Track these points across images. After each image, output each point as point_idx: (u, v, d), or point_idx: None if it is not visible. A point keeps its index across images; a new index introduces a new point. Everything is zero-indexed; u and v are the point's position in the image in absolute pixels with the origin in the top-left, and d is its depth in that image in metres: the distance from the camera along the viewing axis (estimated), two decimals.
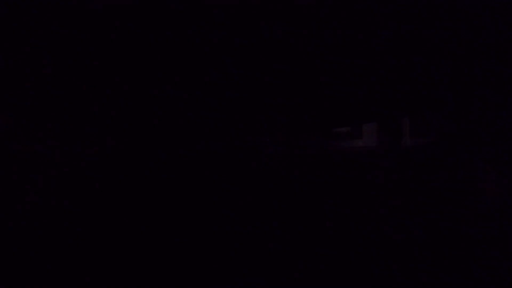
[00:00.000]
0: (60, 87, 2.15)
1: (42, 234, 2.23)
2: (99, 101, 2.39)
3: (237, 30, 1.51)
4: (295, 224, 2.86)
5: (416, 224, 2.55)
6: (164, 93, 2.41)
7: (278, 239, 2.53)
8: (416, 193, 2.80)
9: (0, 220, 2.19)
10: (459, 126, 2.50)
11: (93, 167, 2.93)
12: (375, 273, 1.92)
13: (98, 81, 2.06)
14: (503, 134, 2.24)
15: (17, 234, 2.15)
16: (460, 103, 2.47)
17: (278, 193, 3.40)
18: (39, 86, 2.12)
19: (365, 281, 1.83)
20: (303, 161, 3.75)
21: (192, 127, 3.01)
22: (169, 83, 2.25)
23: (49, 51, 1.63)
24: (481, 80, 2.16)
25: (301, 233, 2.63)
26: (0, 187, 2.32)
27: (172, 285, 1.83)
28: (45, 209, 2.65)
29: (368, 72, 2.16)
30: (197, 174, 3.25)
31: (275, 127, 3.46)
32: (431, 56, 1.84)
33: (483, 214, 2.28)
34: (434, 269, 1.92)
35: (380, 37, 1.60)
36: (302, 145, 3.85)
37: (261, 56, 1.80)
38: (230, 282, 1.87)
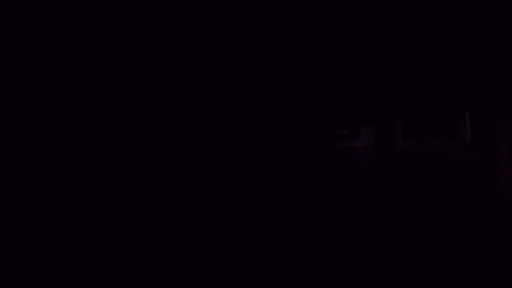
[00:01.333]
0: (60, 86, 2.14)
1: (42, 234, 2.21)
2: (99, 100, 2.38)
3: (237, 29, 1.51)
4: (295, 224, 2.87)
5: (414, 221, 2.56)
6: (163, 92, 2.41)
7: (278, 239, 2.53)
8: (412, 190, 2.81)
9: (0, 220, 2.18)
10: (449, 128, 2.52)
11: (92, 166, 2.91)
12: (375, 273, 1.92)
13: (98, 80, 2.05)
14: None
15: (17, 234, 2.14)
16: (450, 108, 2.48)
17: (278, 193, 3.41)
18: (38, 85, 2.10)
19: (365, 281, 1.83)
20: (305, 160, 3.75)
21: (192, 127, 3.00)
22: (168, 83, 2.25)
23: (49, 50, 1.62)
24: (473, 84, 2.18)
25: (301, 233, 2.64)
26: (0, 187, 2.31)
27: (172, 285, 1.83)
28: (44, 209, 2.64)
29: (367, 81, 2.17)
30: (197, 174, 3.25)
31: (277, 128, 3.47)
32: (424, 62, 1.84)
33: (481, 211, 2.30)
34: (433, 268, 1.93)
35: (376, 42, 1.61)
36: (304, 145, 3.85)
37: (263, 58, 1.80)
38: (230, 282, 1.87)
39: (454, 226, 2.31)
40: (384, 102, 2.69)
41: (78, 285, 1.74)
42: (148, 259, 2.07)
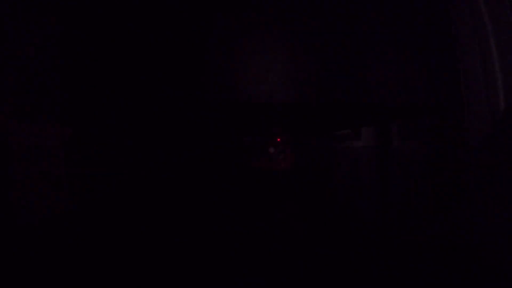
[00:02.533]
0: (60, 86, 2.15)
1: (42, 234, 2.22)
2: (97, 100, 2.38)
3: (236, 30, 1.51)
4: (295, 224, 2.87)
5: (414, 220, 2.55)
6: (163, 92, 2.41)
7: (278, 239, 2.53)
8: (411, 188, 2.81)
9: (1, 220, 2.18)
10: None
11: (92, 165, 2.92)
12: (375, 273, 1.92)
13: (96, 80, 2.05)
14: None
15: (17, 235, 2.14)
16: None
17: (278, 193, 3.40)
18: (38, 85, 2.11)
19: (365, 281, 1.83)
20: (305, 160, 3.75)
21: (193, 126, 3.00)
22: (168, 82, 2.24)
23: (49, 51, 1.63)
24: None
25: (301, 232, 2.64)
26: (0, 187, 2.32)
27: (172, 285, 1.83)
28: (44, 208, 2.64)
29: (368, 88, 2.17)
30: (197, 173, 3.25)
31: (278, 128, 3.47)
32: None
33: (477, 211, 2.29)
34: (433, 269, 1.93)
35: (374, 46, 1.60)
36: (305, 145, 3.85)
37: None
38: (230, 282, 1.87)
39: (453, 226, 2.30)
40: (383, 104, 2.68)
41: (77, 285, 1.74)
42: (148, 259, 2.07)
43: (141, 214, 2.73)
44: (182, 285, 1.81)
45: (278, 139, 3.57)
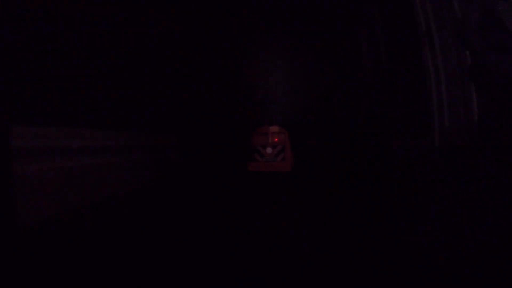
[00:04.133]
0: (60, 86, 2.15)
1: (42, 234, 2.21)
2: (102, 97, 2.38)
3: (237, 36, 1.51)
4: (294, 223, 2.87)
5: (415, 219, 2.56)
6: (163, 92, 2.41)
7: (278, 239, 2.53)
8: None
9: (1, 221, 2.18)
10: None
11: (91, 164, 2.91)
12: (375, 273, 1.92)
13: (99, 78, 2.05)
14: None
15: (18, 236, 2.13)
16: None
17: (278, 192, 3.40)
18: (38, 84, 2.11)
19: (365, 281, 1.83)
20: (306, 159, 3.75)
21: (193, 126, 3.00)
22: (172, 82, 2.24)
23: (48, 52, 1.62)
24: None
25: (301, 232, 2.64)
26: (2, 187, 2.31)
27: (172, 285, 1.83)
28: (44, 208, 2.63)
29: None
30: (197, 172, 3.25)
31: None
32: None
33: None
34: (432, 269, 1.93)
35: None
36: (305, 145, 3.84)
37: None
38: (230, 282, 1.87)
39: (455, 225, 2.30)
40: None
41: (75, 285, 1.74)
42: (148, 259, 2.07)
43: (140, 214, 2.72)
44: (182, 285, 1.81)
45: (276, 139, 3.42)
